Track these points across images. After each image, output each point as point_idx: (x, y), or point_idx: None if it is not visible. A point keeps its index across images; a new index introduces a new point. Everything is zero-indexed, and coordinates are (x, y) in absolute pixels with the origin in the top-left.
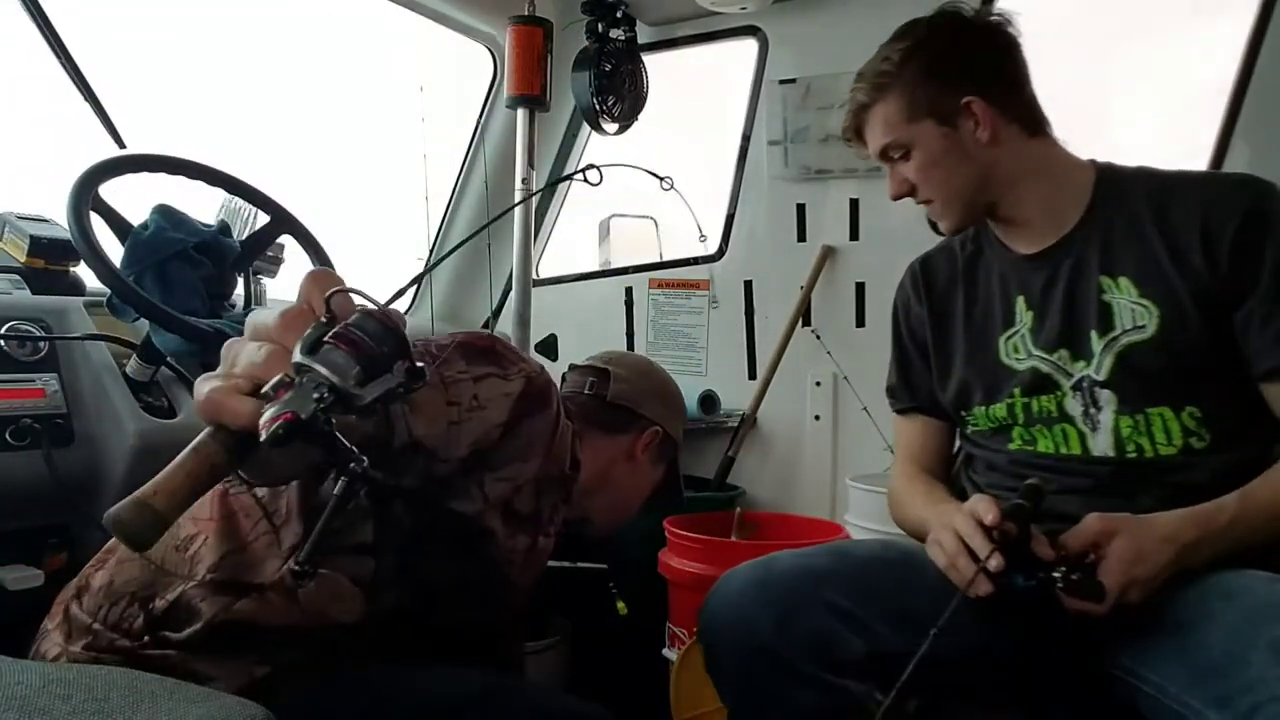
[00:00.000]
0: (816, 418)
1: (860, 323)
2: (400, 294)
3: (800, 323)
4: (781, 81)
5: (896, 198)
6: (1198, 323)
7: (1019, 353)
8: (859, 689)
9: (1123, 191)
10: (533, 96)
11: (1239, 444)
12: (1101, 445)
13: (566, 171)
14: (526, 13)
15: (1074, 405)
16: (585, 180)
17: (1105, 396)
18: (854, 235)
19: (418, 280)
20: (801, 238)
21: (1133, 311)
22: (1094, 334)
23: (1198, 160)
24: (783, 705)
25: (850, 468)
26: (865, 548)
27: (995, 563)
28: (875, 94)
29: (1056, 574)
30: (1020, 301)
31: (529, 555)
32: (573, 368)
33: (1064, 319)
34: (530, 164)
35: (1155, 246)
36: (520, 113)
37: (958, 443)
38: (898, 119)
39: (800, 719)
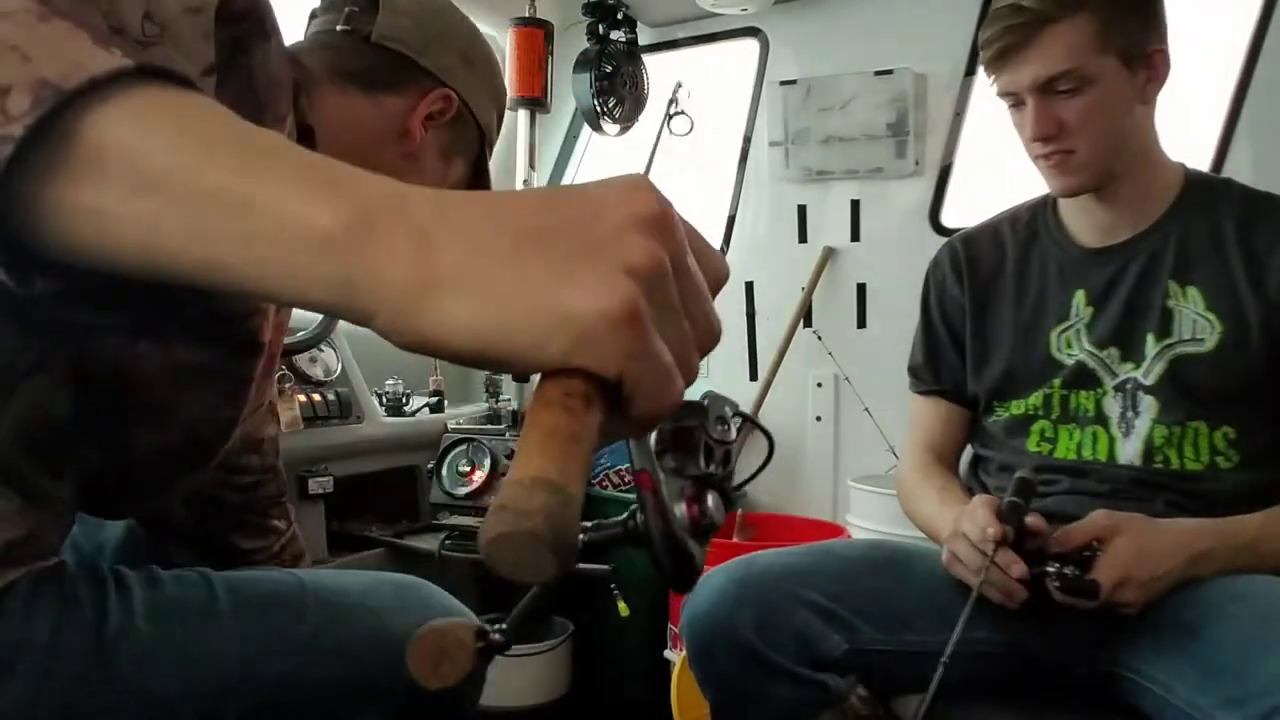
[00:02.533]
0: (818, 419)
1: (861, 324)
2: None
3: (801, 324)
4: (782, 83)
5: (1039, 138)
6: (1259, 347)
7: (1071, 347)
8: (840, 684)
9: (1209, 200)
10: (534, 98)
11: (1265, 466)
12: (1129, 452)
13: (567, 174)
14: (527, 14)
15: (1113, 406)
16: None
17: (1146, 402)
18: (855, 236)
19: None
20: (802, 239)
21: (1194, 323)
22: (1150, 337)
23: (1198, 160)
24: (764, 701)
25: (852, 469)
26: (851, 547)
27: (1019, 570)
28: (1063, 10)
29: (1051, 569)
30: (1080, 296)
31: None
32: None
33: (1122, 317)
34: (531, 165)
35: (1233, 263)
36: (521, 114)
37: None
38: (1086, 45)
39: (782, 714)
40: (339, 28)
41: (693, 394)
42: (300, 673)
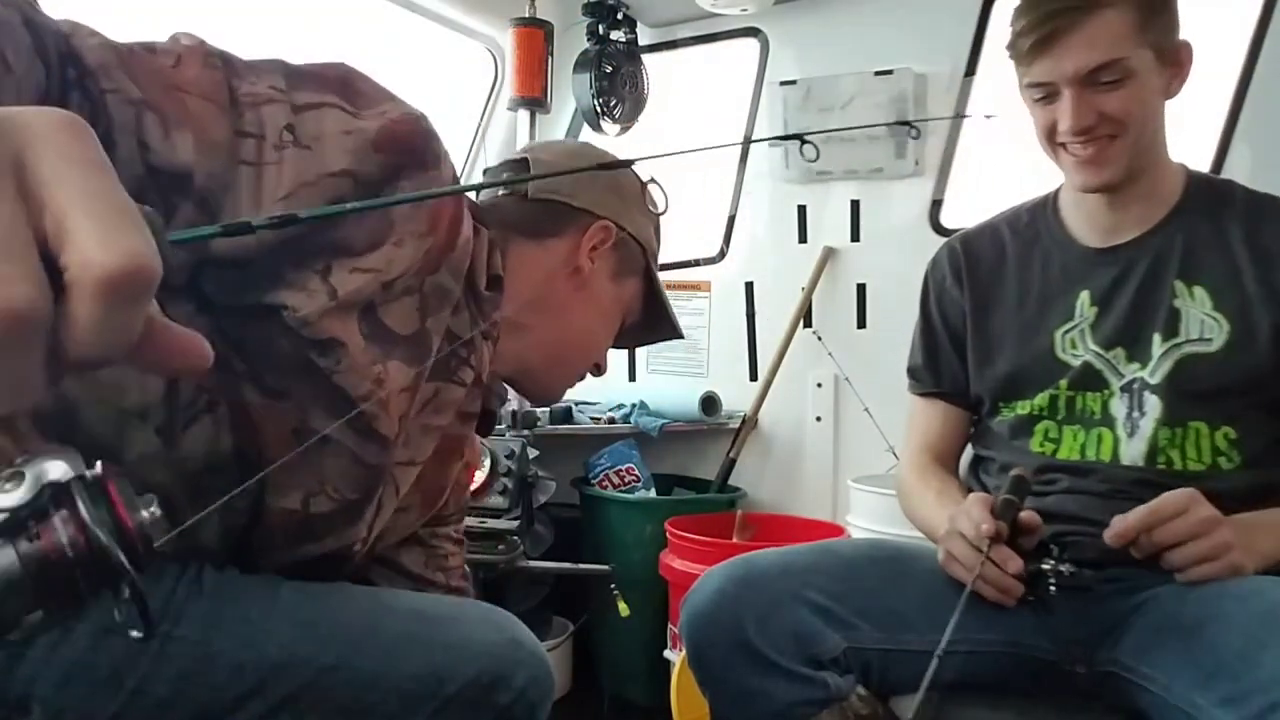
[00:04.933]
0: (818, 419)
1: (861, 324)
2: None
3: (801, 324)
4: (782, 83)
5: (1079, 132)
6: (1267, 347)
7: (1076, 347)
8: (839, 682)
9: (1214, 202)
10: (534, 98)
11: (1267, 466)
12: (1134, 453)
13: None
14: (528, 15)
15: (1119, 407)
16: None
17: (1152, 403)
18: (855, 236)
19: None
20: (802, 239)
21: (1202, 322)
22: (1157, 336)
23: (1198, 160)
24: (762, 699)
25: (851, 469)
26: (850, 546)
27: (1015, 566)
28: None
29: (1046, 565)
30: (1084, 296)
31: (408, 398)
32: (486, 170)
33: (1128, 318)
34: None
35: (1241, 263)
36: (521, 114)
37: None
38: (1129, 35)
39: (781, 713)
40: (500, 193)
41: (692, 396)
42: (350, 662)
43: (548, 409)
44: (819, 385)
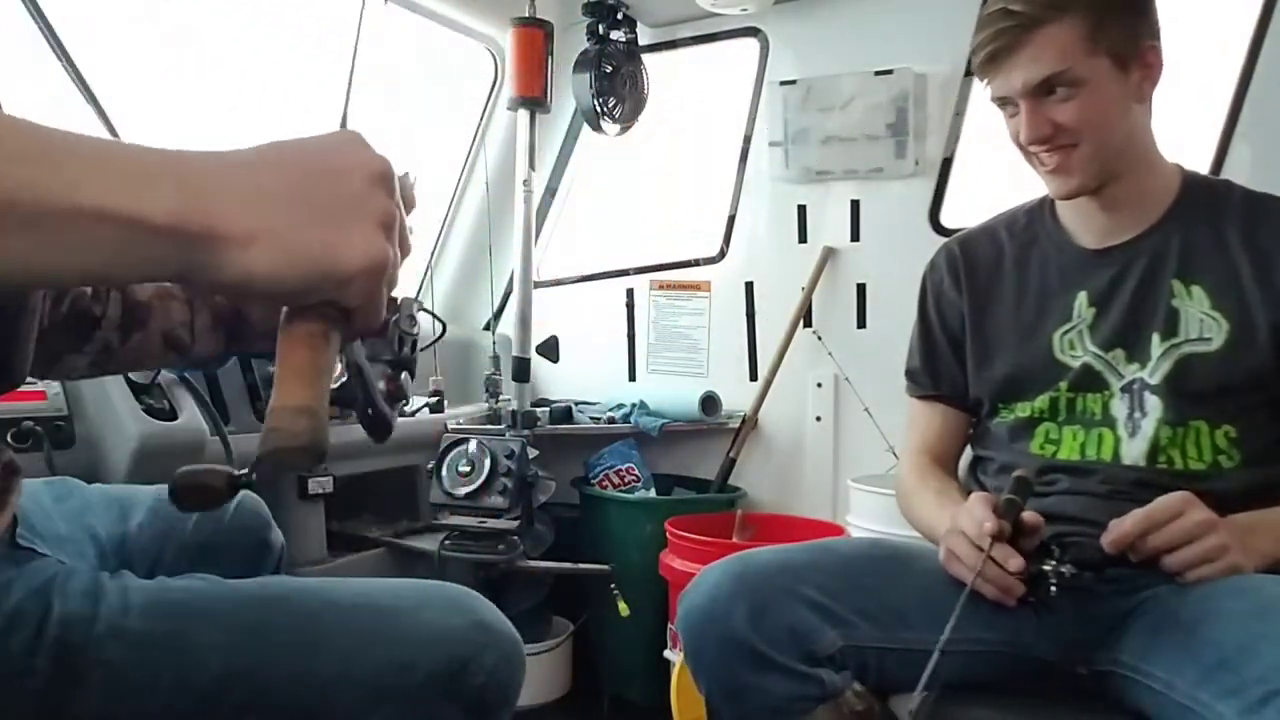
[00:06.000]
0: (818, 419)
1: (861, 324)
2: None
3: (801, 324)
4: (782, 83)
5: (1032, 142)
6: (1266, 346)
7: (1074, 349)
8: (834, 678)
9: (1211, 201)
10: (534, 98)
11: (1268, 464)
12: (1135, 453)
13: (567, 174)
14: (527, 14)
15: (1119, 408)
16: None
17: (1152, 403)
18: (855, 236)
19: None
20: (802, 239)
21: (1201, 322)
22: (1156, 336)
23: (1198, 160)
24: (758, 695)
25: (851, 469)
26: (849, 544)
27: (1016, 564)
28: (1051, 11)
29: (1047, 566)
30: (1081, 298)
31: None
32: None
33: (1126, 318)
34: (531, 165)
35: (1239, 262)
36: (521, 114)
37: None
38: (1077, 47)
39: (776, 708)
40: None
41: (692, 396)
42: (308, 668)
43: (548, 409)
44: (819, 385)
